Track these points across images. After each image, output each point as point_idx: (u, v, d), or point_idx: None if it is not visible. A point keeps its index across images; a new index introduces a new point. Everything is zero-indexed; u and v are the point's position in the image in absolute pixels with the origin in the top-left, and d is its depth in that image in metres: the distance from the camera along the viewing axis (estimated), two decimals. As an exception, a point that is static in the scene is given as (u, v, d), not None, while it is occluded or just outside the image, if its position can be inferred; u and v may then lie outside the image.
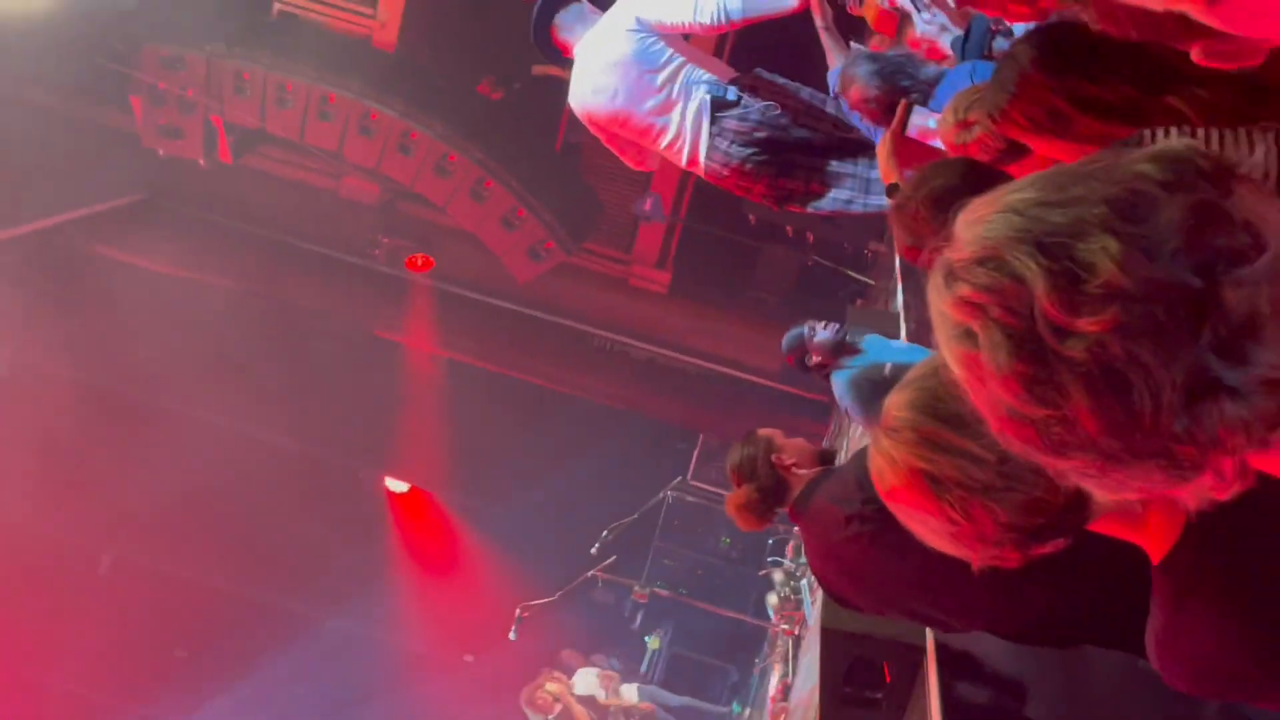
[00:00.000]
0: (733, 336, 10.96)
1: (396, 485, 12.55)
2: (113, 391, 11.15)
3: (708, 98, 4.74)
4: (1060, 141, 2.33)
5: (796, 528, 3.74)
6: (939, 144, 3.69)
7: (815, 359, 5.38)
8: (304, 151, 10.59)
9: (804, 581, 7.87)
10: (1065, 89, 2.26)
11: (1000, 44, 4.02)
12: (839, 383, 5.14)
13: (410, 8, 10.40)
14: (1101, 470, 1.08)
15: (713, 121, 4.73)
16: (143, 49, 9.97)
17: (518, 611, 8.44)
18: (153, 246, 10.80)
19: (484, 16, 11.30)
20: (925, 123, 4.02)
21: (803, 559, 7.71)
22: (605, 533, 8.70)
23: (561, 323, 11.28)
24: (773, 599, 8.18)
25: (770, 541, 9.49)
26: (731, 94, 4.76)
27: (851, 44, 5.00)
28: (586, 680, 10.07)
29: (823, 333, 5.40)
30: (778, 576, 8.25)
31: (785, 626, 7.80)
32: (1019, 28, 3.54)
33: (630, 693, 10.12)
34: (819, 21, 4.81)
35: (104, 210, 10.90)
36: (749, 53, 6.69)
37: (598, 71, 4.76)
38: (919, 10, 4.95)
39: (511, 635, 8.49)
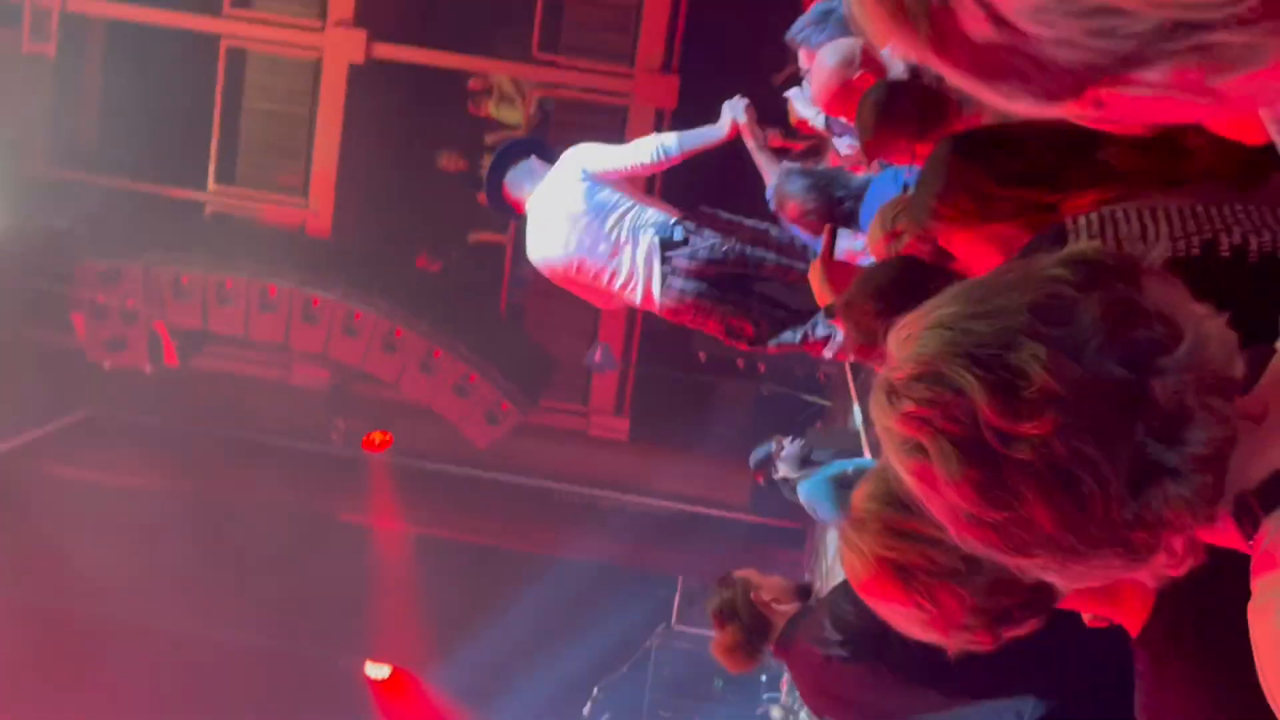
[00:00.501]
0: (698, 475, 10.93)
1: (377, 671, 12.27)
2: (78, 613, 10.89)
3: (656, 239, 4.92)
4: (990, 227, 2.36)
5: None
6: (869, 261, 3.78)
7: (783, 472, 5.52)
8: (250, 345, 10.60)
9: (802, 714, 7.73)
10: (988, 168, 2.32)
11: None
12: (806, 489, 5.23)
13: (341, 192, 10.56)
14: (1062, 564, 1.12)
15: (663, 261, 4.90)
16: (79, 266, 10.03)
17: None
18: (106, 460, 10.70)
19: (415, 192, 11.50)
20: (852, 244, 4.16)
21: (797, 692, 7.60)
22: (595, 690, 8.53)
23: (526, 483, 11.22)
24: (774, 737, 8.02)
25: (764, 678, 9.33)
26: (679, 233, 4.95)
27: (784, 161, 5.15)
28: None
29: (789, 447, 5.56)
30: (775, 714, 8.11)
31: (791, 763, 7.64)
32: None
33: None
34: (751, 144, 5.02)
35: (53, 431, 10.82)
36: (680, 184, 6.85)
37: (550, 223, 4.95)
38: (837, 134, 5.10)
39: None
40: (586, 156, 4.95)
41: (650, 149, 4.91)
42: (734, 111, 4.93)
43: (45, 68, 10.43)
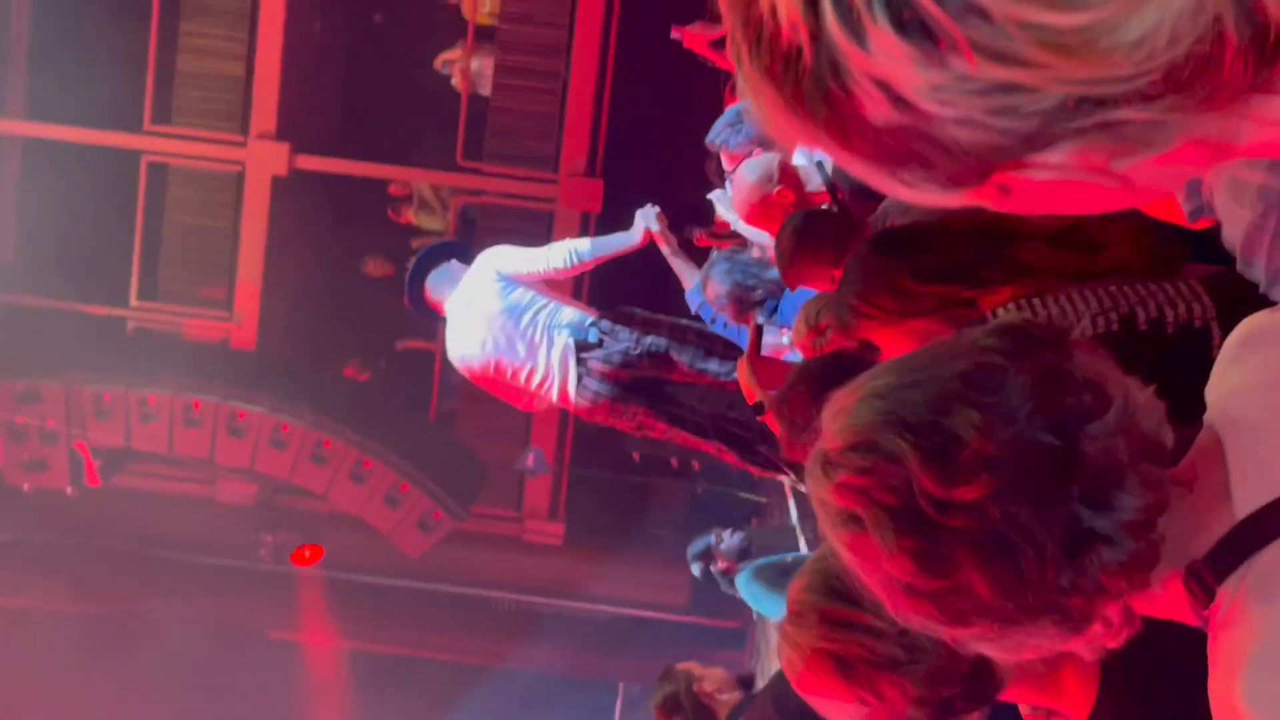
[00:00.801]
0: (635, 577, 10.84)
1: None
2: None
3: (571, 340, 4.99)
4: (910, 323, 2.41)
5: None
6: (795, 357, 3.83)
7: (722, 565, 5.54)
8: (175, 462, 10.42)
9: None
10: (906, 265, 2.37)
11: None
12: (744, 579, 5.25)
13: (266, 303, 10.49)
14: (999, 633, 1.12)
15: (578, 362, 4.97)
16: (-4, 386, 9.84)
17: None
18: (28, 585, 10.41)
19: (341, 301, 11.46)
20: (779, 340, 4.21)
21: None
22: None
23: (461, 592, 11.05)
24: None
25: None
26: (593, 335, 5.02)
27: (714, 252, 5.25)
28: None
29: (729, 539, 5.58)
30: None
31: None
32: None
33: None
34: (665, 250, 5.19)
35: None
36: (608, 283, 6.93)
37: (468, 323, 5.03)
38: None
39: None
40: (501, 258, 5.06)
41: (563, 254, 5.04)
42: (646, 219, 5.09)
43: (-39, 188, 10.34)
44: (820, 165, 3.81)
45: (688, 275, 5.15)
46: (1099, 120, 0.77)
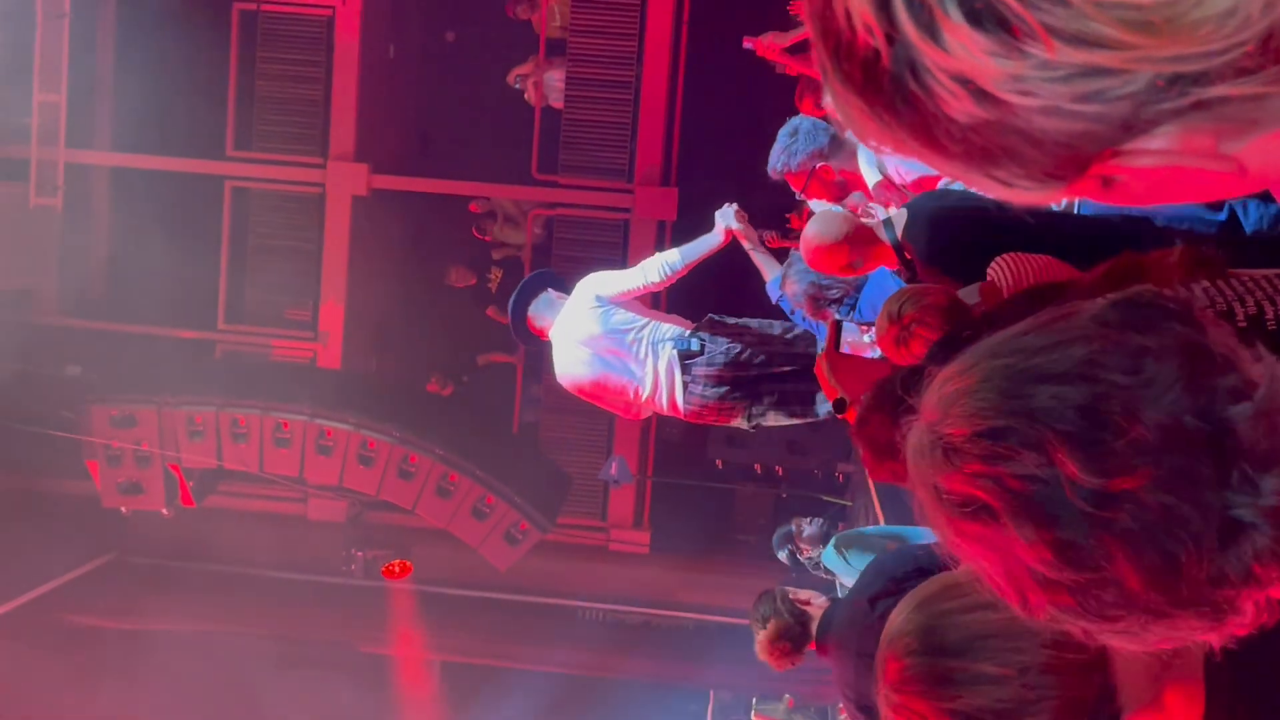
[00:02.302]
0: (722, 584, 10.80)
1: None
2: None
3: (675, 351, 5.24)
4: None
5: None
6: (875, 353, 3.81)
7: (806, 552, 5.64)
8: (266, 482, 10.58)
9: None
10: None
11: None
12: (829, 554, 5.36)
13: (350, 322, 10.64)
14: (1143, 627, 1.05)
15: (684, 370, 5.23)
16: (91, 412, 10.06)
17: None
18: (126, 605, 10.61)
19: (423, 317, 11.58)
20: (859, 337, 4.21)
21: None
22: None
23: (550, 602, 11.09)
24: None
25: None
26: (694, 344, 5.27)
27: (793, 251, 5.31)
28: None
29: (808, 528, 5.65)
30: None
31: None
32: None
33: None
34: (747, 245, 5.36)
35: (74, 579, 10.75)
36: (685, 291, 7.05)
37: (574, 348, 5.29)
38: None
39: None
40: (599, 283, 5.26)
41: (657, 267, 5.21)
42: (725, 219, 5.24)
43: (53, 218, 10.60)
44: (889, 224, 3.79)
45: (768, 268, 5.28)
46: (1194, 99, 0.72)
